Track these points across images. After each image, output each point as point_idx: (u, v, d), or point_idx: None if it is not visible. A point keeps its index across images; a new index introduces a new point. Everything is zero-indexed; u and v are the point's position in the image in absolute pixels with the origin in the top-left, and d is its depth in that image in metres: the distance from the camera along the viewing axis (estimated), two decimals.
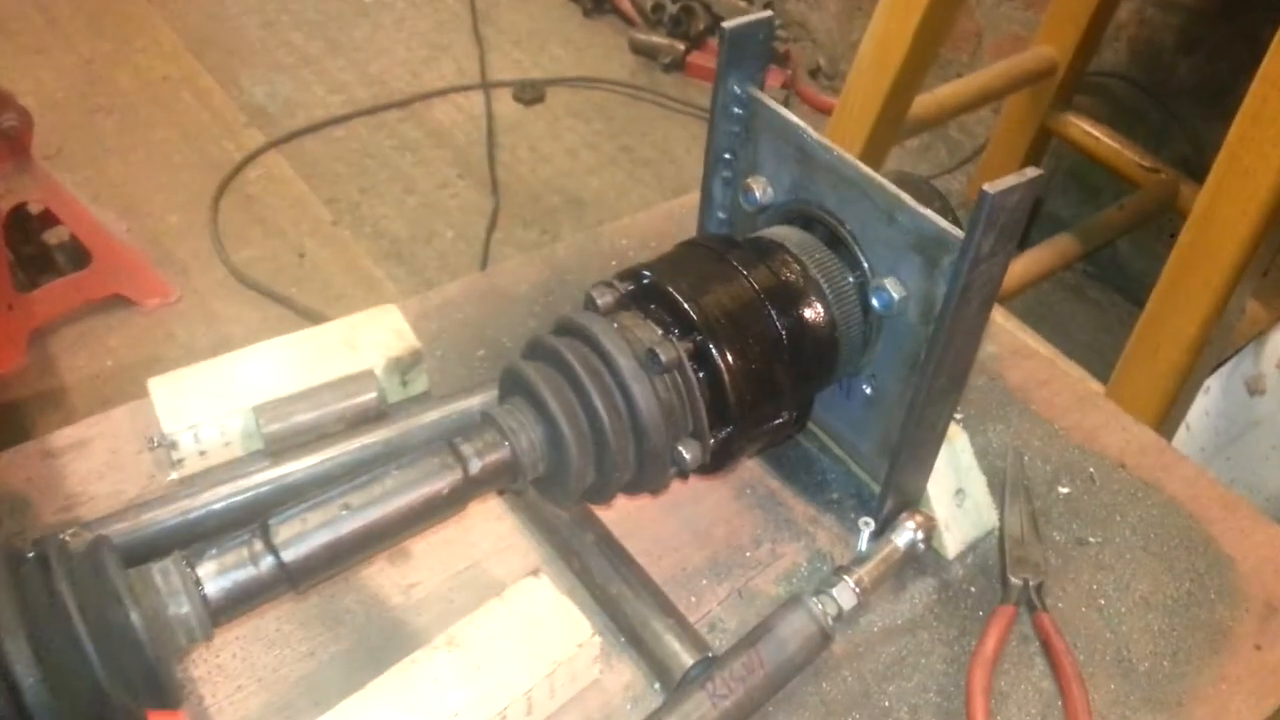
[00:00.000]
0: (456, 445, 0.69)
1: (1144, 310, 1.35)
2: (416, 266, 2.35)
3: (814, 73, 3.20)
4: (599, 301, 0.74)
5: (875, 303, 0.77)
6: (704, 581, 0.86)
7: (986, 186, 0.63)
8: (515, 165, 2.71)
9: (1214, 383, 1.56)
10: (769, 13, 0.83)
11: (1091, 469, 0.99)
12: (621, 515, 0.88)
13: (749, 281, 0.77)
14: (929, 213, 0.71)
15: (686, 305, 0.73)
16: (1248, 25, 2.04)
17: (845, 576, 0.81)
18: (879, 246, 0.77)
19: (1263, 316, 1.52)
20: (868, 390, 0.84)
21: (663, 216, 1.28)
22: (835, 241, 0.81)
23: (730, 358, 0.72)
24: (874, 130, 1.59)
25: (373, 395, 0.91)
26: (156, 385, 0.90)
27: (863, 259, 0.79)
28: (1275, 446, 1.55)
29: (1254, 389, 1.54)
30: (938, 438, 0.83)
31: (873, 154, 1.60)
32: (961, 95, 1.88)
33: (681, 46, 3.18)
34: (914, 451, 0.82)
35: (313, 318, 2.17)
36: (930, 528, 0.86)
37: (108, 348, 2.03)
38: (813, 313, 0.78)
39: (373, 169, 2.63)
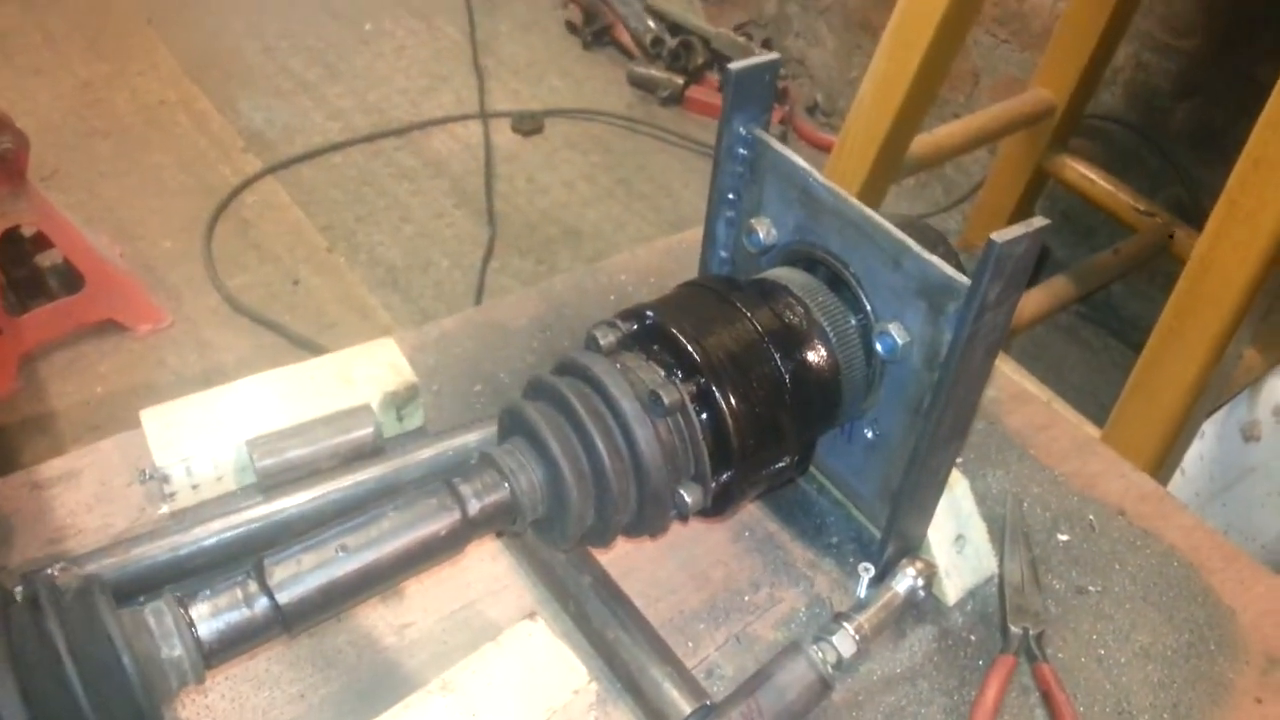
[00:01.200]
0: (455, 486, 0.69)
1: (1141, 355, 1.36)
2: (412, 295, 2.35)
3: (811, 109, 3.23)
4: (601, 341, 0.74)
5: (879, 347, 0.77)
6: (701, 626, 0.85)
7: (995, 236, 0.64)
8: (512, 196, 2.72)
9: (1209, 428, 1.57)
10: (775, 55, 0.83)
11: (1091, 516, 0.99)
12: (618, 556, 0.87)
13: (752, 324, 0.77)
14: (935, 259, 0.71)
15: (690, 347, 0.73)
16: (1245, 68, 2.07)
17: (845, 624, 0.80)
18: (883, 291, 0.77)
19: (1259, 363, 1.52)
20: (870, 435, 0.84)
21: (662, 253, 1.28)
22: (839, 284, 0.82)
23: (733, 401, 0.72)
24: (873, 169, 1.60)
25: (369, 430, 0.90)
26: (149, 417, 0.89)
27: (866, 303, 0.79)
28: (1270, 493, 1.55)
29: (1249, 435, 1.54)
30: (940, 484, 0.83)
31: (871, 193, 1.61)
32: (959, 136, 1.90)
33: (680, 80, 3.21)
34: (916, 497, 0.81)
35: (306, 346, 2.17)
36: (931, 574, 0.86)
37: (98, 374, 2.02)
38: (816, 356, 0.78)
39: (369, 197, 2.63)
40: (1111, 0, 1.91)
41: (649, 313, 0.77)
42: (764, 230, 0.86)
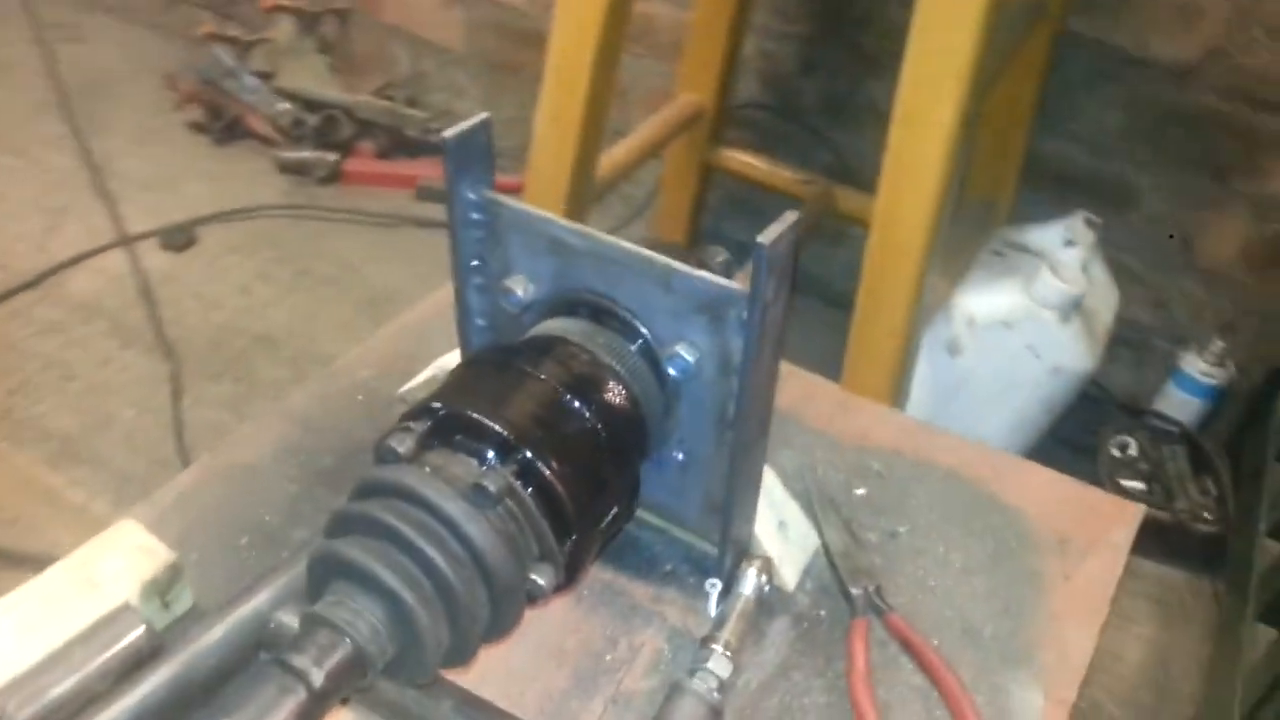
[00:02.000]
0: (287, 660, 0.61)
1: (855, 311, 1.50)
2: (100, 461, 2.08)
3: None
4: (400, 450, 0.69)
5: (672, 370, 0.78)
6: (575, 702, 0.81)
7: (761, 238, 0.67)
8: (184, 319, 2.49)
9: (921, 354, 1.76)
10: (485, 114, 0.82)
11: (875, 465, 1.07)
12: (466, 667, 0.82)
13: (545, 381, 0.75)
14: (704, 274, 0.73)
15: (495, 425, 0.70)
16: (851, 40, 2.35)
17: (713, 645, 0.81)
18: (660, 316, 0.78)
19: (942, 285, 1.73)
20: (680, 456, 0.85)
21: (396, 338, 1.22)
22: (611, 321, 0.82)
23: (555, 465, 0.70)
24: (569, 199, 1.63)
25: (138, 633, 0.78)
26: None
27: (645, 331, 0.80)
28: (985, 397, 1.77)
29: (954, 351, 1.75)
30: (757, 481, 0.85)
31: (574, 220, 1.64)
32: (635, 151, 1.99)
33: (332, 157, 3.10)
34: (741, 501, 0.83)
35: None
36: (769, 568, 0.88)
37: None
38: (615, 396, 0.78)
39: (16, 364, 2.29)
40: (730, 3, 2.08)
41: (437, 405, 0.73)
42: (520, 288, 0.84)
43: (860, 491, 1.03)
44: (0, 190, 2.86)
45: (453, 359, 1.11)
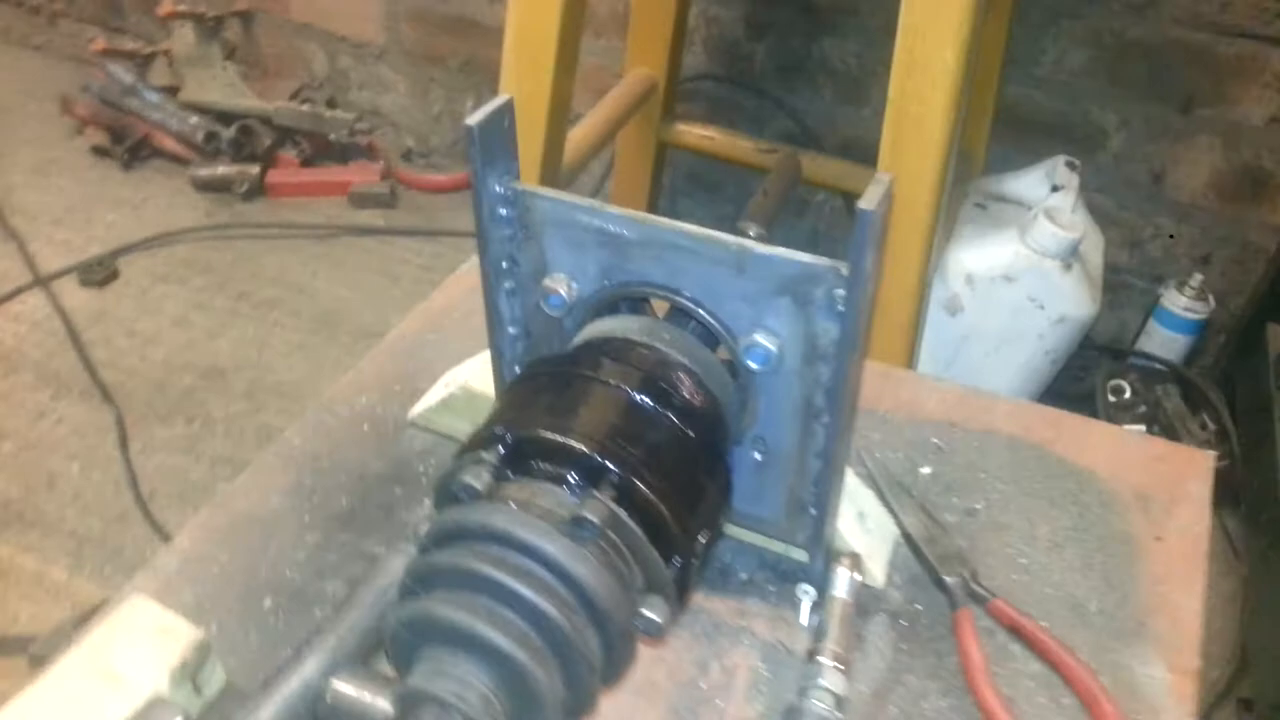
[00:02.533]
0: None
1: None
2: (50, 524, 1.93)
3: (406, 155, 3.12)
4: (478, 485, 0.61)
5: (750, 363, 0.71)
6: None
7: (862, 204, 0.60)
8: (119, 359, 2.33)
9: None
10: (507, 95, 0.74)
11: (934, 439, 1.02)
12: None
13: (617, 387, 0.67)
14: (787, 251, 0.66)
15: (579, 444, 0.62)
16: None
17: (821, 659, 0.75)
18: (731, 303, 0.71)
19: (938, 243, 1.69)
20: (757, 455, 0.78)
21: (388, 359, 1.12)
22: (674, 313, 0.75)
23: (653, 480, 0.62)
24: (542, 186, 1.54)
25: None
26: None
27: (714, 322, 0.73)
28: (987, 352, 1.74)
29: (953, 309, 1.72)
30: (842, 473, 0.79)
31: None
32: (595, 132, 1.91)
33: (254, 170, 2.95)
34: (830, 497, 0.77)
35: None
36: (859, 565, 0.82)
37: None
38: (694, 394, 0.71)
39: None
40: None
41: (500, 429, 0.65)
42: (563, 288, 0.76)
43: (926, 470, 0.98)
44: None
45: (464, 373, 1.02)
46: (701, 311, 0.73)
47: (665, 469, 0.64)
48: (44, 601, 1.78)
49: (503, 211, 0.76)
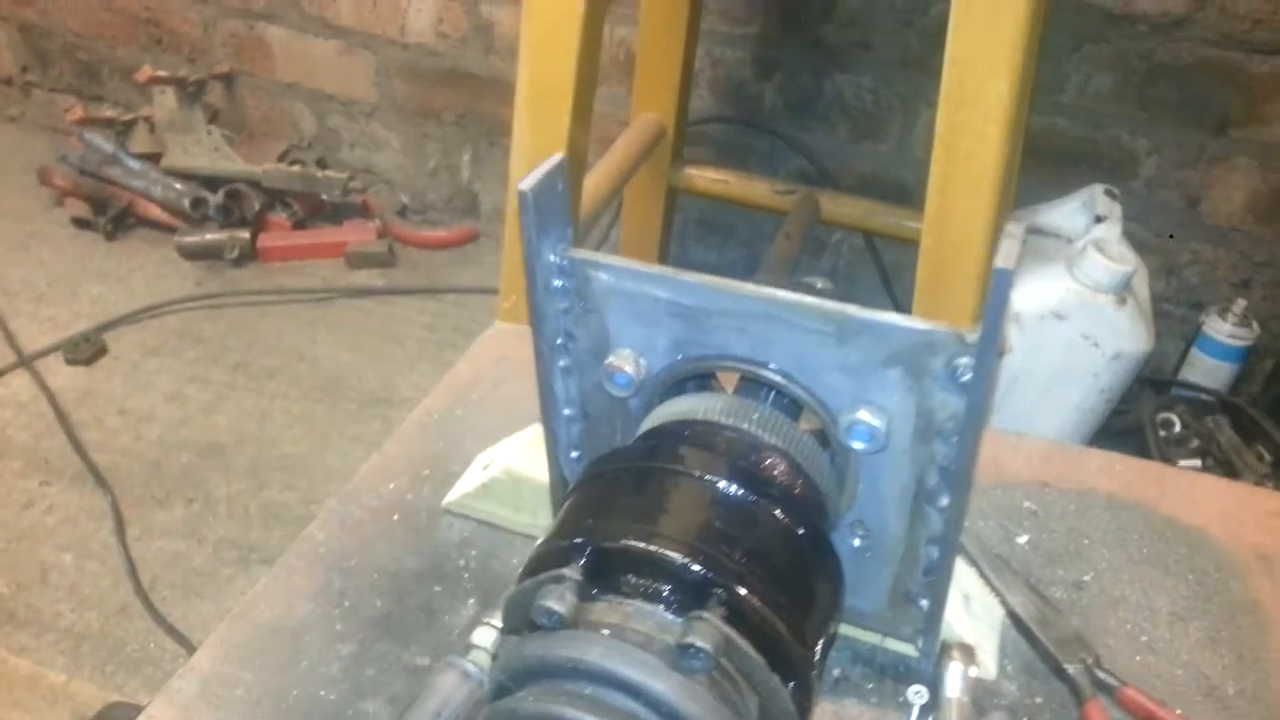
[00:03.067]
0: None
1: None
2: (44, 621, 1.83)
3: (402, 212, 3.07)
4: (561, 608, 0.53)
5: (854, 442, 0.64)
6: None
7: (999, 263, 0.53)
8: (111, 440, 2.25)
9: None
10: (558, 155, 0.67)
11: (1026, 503, 0.94)
12: None
13: (709, 481, 0.60)
14: (902, 318, 0.60)
15: (677, 555, 0.54)
16: (810, 33, 2.26)
17: None
18: (829, 375, 0.64)
19: None
20: (856, 542, 0.71)
21: (414, 440, 1.05)
22: (760, 390, 0.68)
23: (766, 590, 0.55)
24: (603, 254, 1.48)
25: None
26: None
27: (808, 397, 0.66)
28: (1039, 395, 1.68)
29: (1000, 350, 1.65)
30: (954, 559, 0.72)
31: None
32: (606, 182, 1.85)
33: (244, 235, 2.88)
34: (944, 587, 0.70)
35: None
36: (972, 657, 0.74)
37: None
38: (790, 480, 0.63)
39: None
40: (681, 8, 1.97)
41: (580, 540, 0.57)
42: (630, 365, 0.69)
43: (1023, 539, 0.90)
44: None
45: (504, 453, 0.95)
46: (794, 386, 0.65)
47: (775, 573, 0.57)
48: (40, 709, 1.67)
49: (558, 283, 0.69)
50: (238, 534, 2.01)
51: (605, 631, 0.52)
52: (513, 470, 0.90)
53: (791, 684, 0.56)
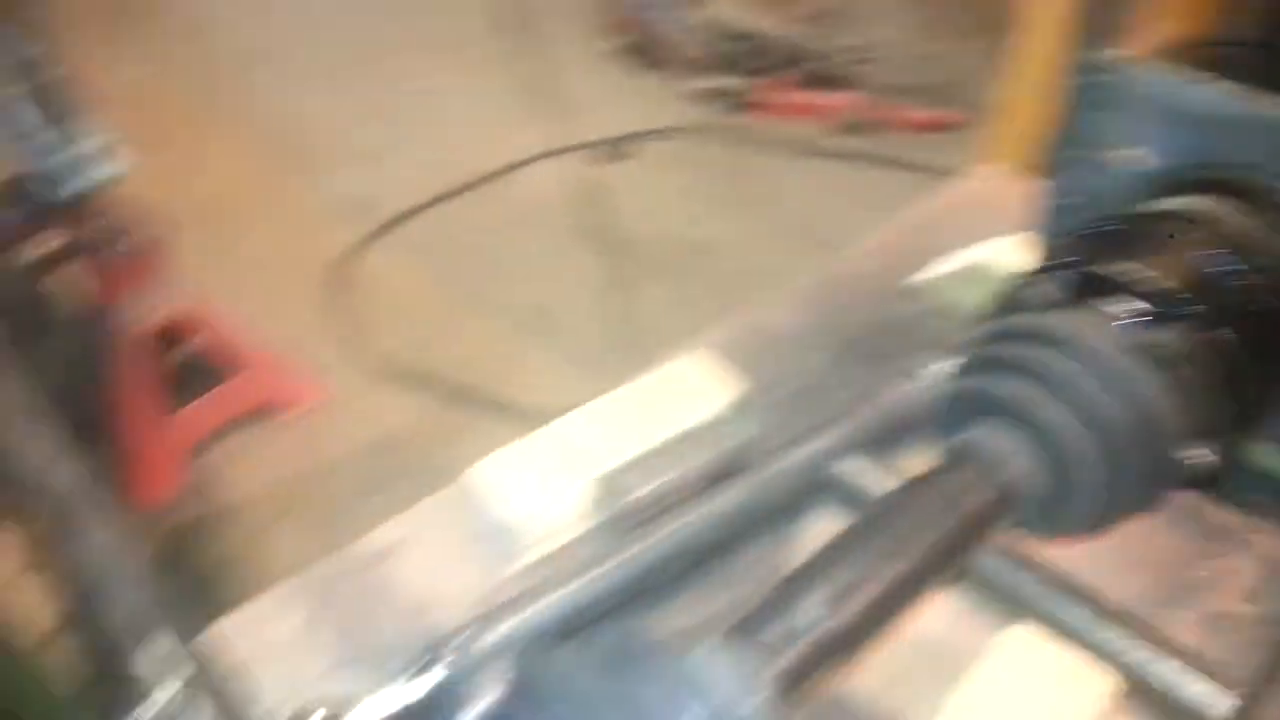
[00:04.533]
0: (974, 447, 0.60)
1: None
2: (557, 336, 2.30)
3: (894, 90, 3.15)
4: (1050, 295, 0.65)
5: None
6: (1161, 610, 0.74)
7: None
8: (621, 224, 2.65)
9: None
10: None
11: None
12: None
13: (1205, 240, 0.67)
14: None
15: (1160, 279, 0.63)
16: None
17: None
18: None
19: None
20: None
21: (902, 232, 1.19)
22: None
23: (1238, 333, 0.62)
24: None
25: (742, 439, 0.82)
26: (479, 470, 0.82)
27: None
28: None
29: None
30: None
31: None
32: None
33: (752, 86, 3.16)
34: None
35: (467, 395, 2.10)
36: None
37: (267, 459, 1.95)
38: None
39: (476, 247, 2.58)
40: None
41: (1073, 257, 0.68)
42: (1137, 159, 0.76)
43: None
44: (442, 105, 3.18)
45: (978, 252, 1.06)
46: None
47: (1256, 330, 0.64)
48: (552, 385, 2.11)
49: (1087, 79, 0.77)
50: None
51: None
52: (976, 262, 1.01)
53: (1233, 432, 0.63)
